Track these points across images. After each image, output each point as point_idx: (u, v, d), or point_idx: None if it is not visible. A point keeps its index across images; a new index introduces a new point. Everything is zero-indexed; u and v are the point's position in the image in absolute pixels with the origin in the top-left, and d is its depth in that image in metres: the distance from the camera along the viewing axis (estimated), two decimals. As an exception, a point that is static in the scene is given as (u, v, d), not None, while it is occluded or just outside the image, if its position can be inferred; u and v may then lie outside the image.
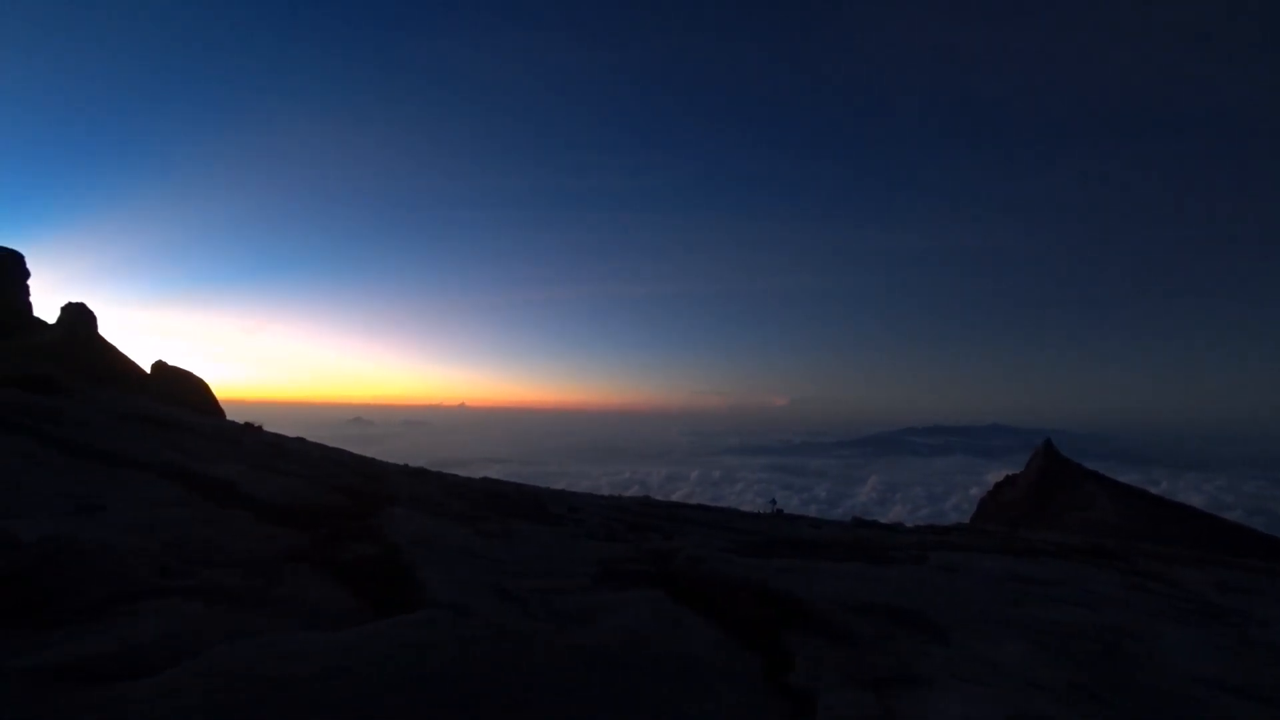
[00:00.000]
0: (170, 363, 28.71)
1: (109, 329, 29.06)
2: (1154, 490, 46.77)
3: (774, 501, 27.02)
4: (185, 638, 3.65)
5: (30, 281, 29.81)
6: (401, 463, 16.43)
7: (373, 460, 15.34)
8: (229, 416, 24.44)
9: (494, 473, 37.37)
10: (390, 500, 8.39)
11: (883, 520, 21.72)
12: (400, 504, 8.18)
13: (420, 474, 14.00)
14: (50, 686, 3.06)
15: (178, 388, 27.12)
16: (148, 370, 28.29)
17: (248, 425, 16.67)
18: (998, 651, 4.99)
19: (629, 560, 8.07)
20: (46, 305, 29.01)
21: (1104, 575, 9.05)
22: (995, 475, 53.35)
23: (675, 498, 40.96)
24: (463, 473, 20.32)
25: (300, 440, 16.39)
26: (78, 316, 28.70)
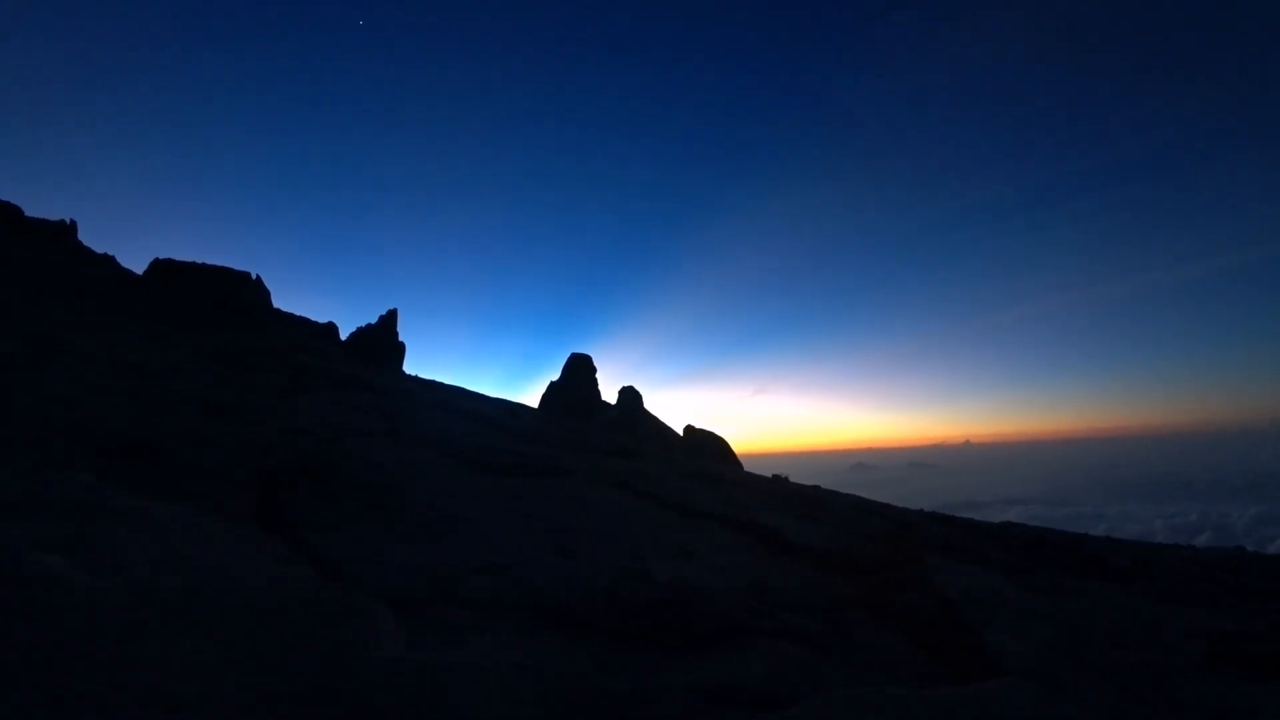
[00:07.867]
0: (697, 426, 34.98)
1: (651, 404, 37.18)
2: None
3: None
4: (790, 677, 4.10)
5: (597, 375, 40.36)
6: (914, 507, 16.07)
7: (890, 505, 15.36)
8: (745, 469, 27.96)
9: (1014, 515, 33.28)
10: (924, 547, 8.22)
11: None
12: (934, 551, 7.94)
13: (943, 519, 13.44)
14: (700, 707, 3.74)
15: (705, 446, 32.68)
16: (680, 433, 34.92)
17: (775, 476, 18.55)
18: None
19: (1249, 639, 6.27)
20: (608, 391, 39.20)
21: None
22: None
23: (1275, 549, 30.64)
24: (978, 516, 18.79)
25: (816, 487, 17.51)
26: (630, 397, 37.38)
